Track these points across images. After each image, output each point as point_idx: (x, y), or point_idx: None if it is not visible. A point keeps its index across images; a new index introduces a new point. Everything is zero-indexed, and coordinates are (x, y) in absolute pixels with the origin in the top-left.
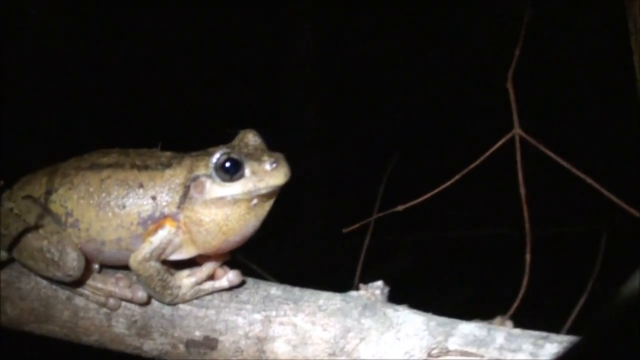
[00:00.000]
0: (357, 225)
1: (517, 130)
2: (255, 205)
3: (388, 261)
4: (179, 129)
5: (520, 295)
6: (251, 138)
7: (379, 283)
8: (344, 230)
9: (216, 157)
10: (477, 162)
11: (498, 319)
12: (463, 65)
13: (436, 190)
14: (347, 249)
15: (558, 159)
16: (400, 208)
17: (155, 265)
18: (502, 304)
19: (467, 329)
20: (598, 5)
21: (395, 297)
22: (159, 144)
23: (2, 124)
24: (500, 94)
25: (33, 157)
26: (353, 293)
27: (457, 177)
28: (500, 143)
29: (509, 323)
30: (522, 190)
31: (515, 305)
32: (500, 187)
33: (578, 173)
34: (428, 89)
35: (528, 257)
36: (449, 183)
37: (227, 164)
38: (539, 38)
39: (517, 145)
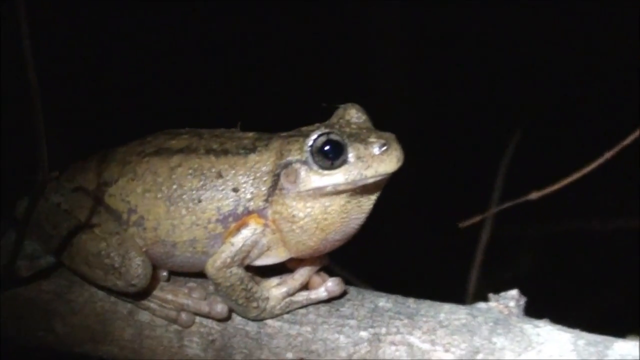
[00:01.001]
0: (477, 219)
1: None
2: (358, 194)
3: (510, 262)
4: (263, 105)
5: None
6: (354, 114)
7: (514, 292)
8: (461, 225)
9: (313, 138)
10: (629, 139)
11: None
12: (597, 19)
13: (581, 173)
14: (458, 248)
15: None
16: (534, 196)
17: (237, 272)
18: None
19: (625, 349)
20: None
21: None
22: (239, 123)
23: (49, 106)
24: None
25: (84, 142)
26: (481, 305)
27: (605, 156)
28: None
29: None
30: None
31: None
32: None
33: None
34: (555, 50)
35: None
36: (595, 164)
37: (327, 147)
38: None
39: None
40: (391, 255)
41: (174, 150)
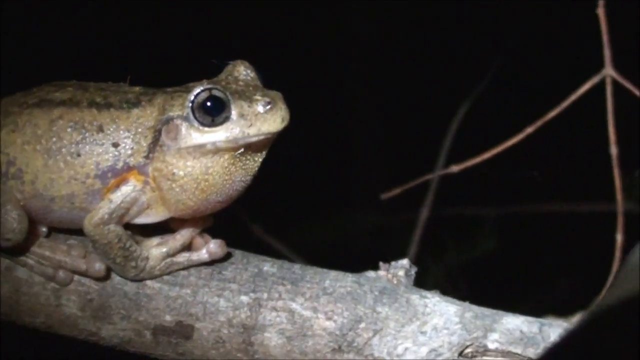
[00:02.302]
0: (397, 191)
1: (609, 71)
2: (242, 155)
3: (470, 243)
4: (157, 59)
5: (607, 286)
6: (242, 72)
7: (404, 262)
8: (383, 196)
9: (194, 94)
10: (556, 110)
11: (579, 317)
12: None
13: (503, 147)
14: (402, 225)
15: None
16: (455, 169)
17: (115, 229)
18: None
19: (513, 324)
20: None
21: (468, 290)
22: (128, 77)
23: None
24: (589, 24)
25: None
26: (370, 274)
27: (528, 129)
28: (587, 86)
29: None
30: (614, 149)
31: (599, 298)
32: (586, 143)
33: None
34: (499, 19)
35: (619, 237)
36: (515, 139)
37: (209, 103)
38: None
39: (609, 89)
40: (324, 230)
41: (57, 102)
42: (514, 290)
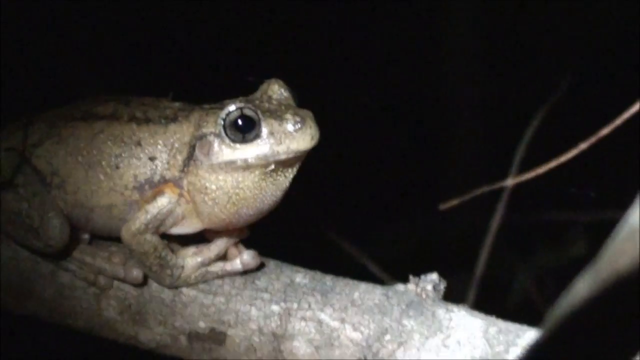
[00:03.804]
0: (455, 202)
1: None
2: (273, 171)
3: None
4: (201, 76)
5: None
6: (277, 90)
7: (433, 276)
8: (441, 207)
9: (226, 112)
10: (610, 127)
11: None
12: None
13: (558, 161)
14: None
15: None
16: (510, 182)
17: (151, 239)
18: None
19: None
20: None
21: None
22: (170, 92)
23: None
24: None
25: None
26: (399, 287)
27: (582, 145)
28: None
29: None
30: None
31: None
32: None
33: None
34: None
35: None
36: (573, 152)
37: (240, 122)
38: None
39: None
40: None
41: (99, 116)
42: None
